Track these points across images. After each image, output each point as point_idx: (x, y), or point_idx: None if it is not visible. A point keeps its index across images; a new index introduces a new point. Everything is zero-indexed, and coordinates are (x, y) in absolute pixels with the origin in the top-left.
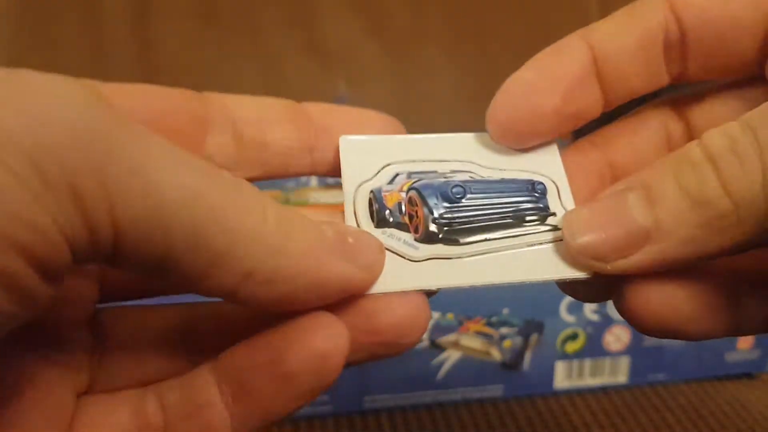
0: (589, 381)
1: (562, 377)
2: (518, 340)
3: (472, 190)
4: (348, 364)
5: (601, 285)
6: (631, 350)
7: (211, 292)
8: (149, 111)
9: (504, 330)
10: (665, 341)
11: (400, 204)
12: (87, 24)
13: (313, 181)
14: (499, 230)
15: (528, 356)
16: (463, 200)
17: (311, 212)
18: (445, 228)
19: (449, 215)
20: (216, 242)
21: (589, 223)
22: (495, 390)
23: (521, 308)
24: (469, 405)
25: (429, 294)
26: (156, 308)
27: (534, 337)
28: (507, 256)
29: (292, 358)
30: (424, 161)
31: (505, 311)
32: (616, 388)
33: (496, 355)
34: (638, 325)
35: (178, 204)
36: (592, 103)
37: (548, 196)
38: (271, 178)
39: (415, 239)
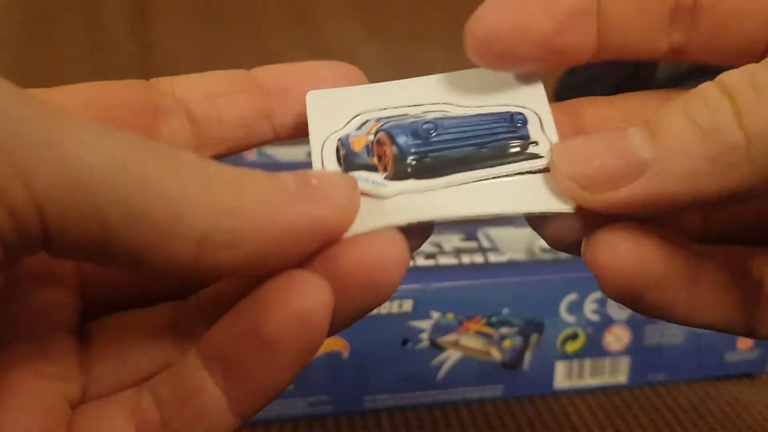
0: (589, 381)
1: (562, 377)
2: (518, 340)
3: (445, 126)
4: (332, 328)
5: (576, 226)
6: (631, 350)
7: (171, 268)
8: (97, 108)
9: (504, 330)
10: (665, 341)
11: (368, 146)
12: (87, 24)
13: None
14: (475, 162)
15: (528, 356)
16: (435, 136)
17: None
18: (415, 163)
19: (420, 150)
20: (156, 211)
21: (582, 151)
22: (495, 390)
23: (521, 308)
24: (469, 405)
25: (420, 238)
26: (142, 309)
27: (534, 337)
28: (483, 187)
29: (270, 324)
30: (395, 107)
31: (505, 311)
32: (616, 388)
33: (496, 355)
34: (602, 278)
35: (102, 175)
36: (583, 44)
37: (529, 127)
38: (235, 151)
39: (385, 178)
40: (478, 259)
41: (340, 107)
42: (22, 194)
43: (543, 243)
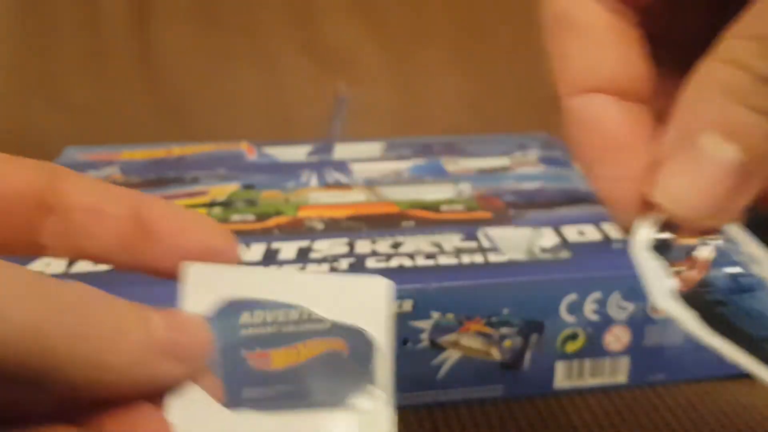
0: (589, 381)
1: (562, 377)
2: (518, 340)
3: None
4: None
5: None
6: (631, 350)
7: (44, 399)
8: None
9: (504, 330)
10: (665, 341)
11: None
12: (87, 24)
13: (313, 180)
14: None
15: (528, 356)
16: None
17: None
18: None
19: None
20: (44, 366)
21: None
22: (495, 390)
23: (521, 308)
24: (469, 405)
25: None
26: None
27: (534, 337)
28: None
29: None
30: (261, 298)
31: (505, 311)
32: (616, 388)
33: (496, 355)
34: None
35: (13, 342)
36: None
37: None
38: (97, 262)
39: None
40: (478, 259)
41: (211, 285)
42: None
43: (543, 243)
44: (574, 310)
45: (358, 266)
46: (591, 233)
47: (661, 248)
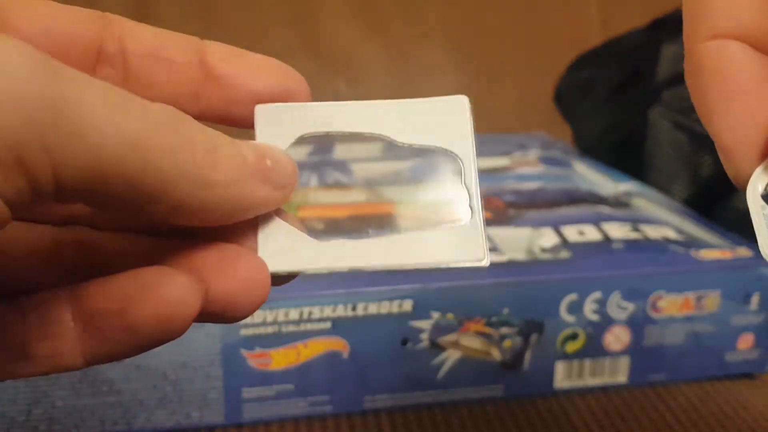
0: (589, 381)
1: (562, 377)
2: (518, 340)
3: None
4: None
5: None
6: (631, 350)
7: (143, 218)
8: (51, 38)
9: (504, 330)
10: (665, 341)
11: None
12: None
13: (313, 180)
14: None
15: (528, 356)
16: None
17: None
18: None
19: None
20: (148, 184)
21: None
22: (495, 390)
23: (521, 308)
24: (469, 405)
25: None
26: (26, 225)
27: (534, 337)
28: (400, 238)
29: (138, 314)
30: (337, 130)
31: (505, 311)
32: (616, 388)
33: (496, 355)
34: None
35: (115, 158)
36: None
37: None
38: None
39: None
40: None
41: (286, 125)
42: (49, 177)
43: (543, 243)
44: (574, 310)
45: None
46: (591, 233)
47: None
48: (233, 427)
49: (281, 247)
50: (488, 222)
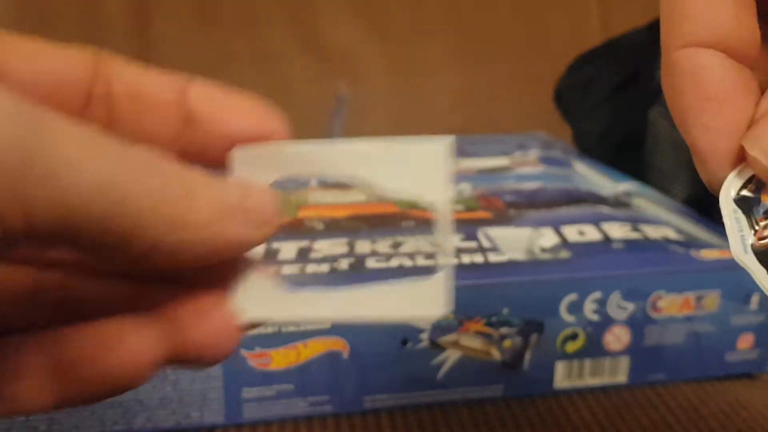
0: (589, 381)
1: (562, 377)
2: (518, 340)
3: None
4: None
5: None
6: (631, 350)
7: (117, 261)
8: (42, 85)
9: (504, 330)
10: (665, 341)
11: None
12: (87, 24)
13: (313, 180)
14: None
15: (528, 356)
16: None
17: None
18: None
19: None
20: (121, 225)
21: None
22: (495, 390)
23: (521, 308)
24: (469, 405)
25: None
26: (6, 267)
27: (534, 337)
28: (362, 291)
29: (100, 365)
30: (313, 173)
31: (505, 311)
32: (616, 388)
33: (496, 355)
34: None
35: (87, 199)
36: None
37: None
38: None
39: None
40: (478, 259)
41: (262, 168)
42: (19, 221)
43: (543, 243)
44: (574, 310)
45: (358, 266)
46: (591, 233)
47: (747, 204)
48: (233, 427)
49: (255, 296)
50: (488, 222)
